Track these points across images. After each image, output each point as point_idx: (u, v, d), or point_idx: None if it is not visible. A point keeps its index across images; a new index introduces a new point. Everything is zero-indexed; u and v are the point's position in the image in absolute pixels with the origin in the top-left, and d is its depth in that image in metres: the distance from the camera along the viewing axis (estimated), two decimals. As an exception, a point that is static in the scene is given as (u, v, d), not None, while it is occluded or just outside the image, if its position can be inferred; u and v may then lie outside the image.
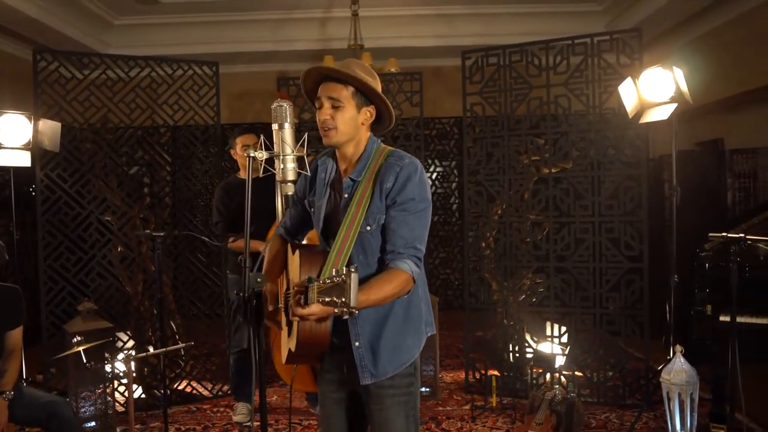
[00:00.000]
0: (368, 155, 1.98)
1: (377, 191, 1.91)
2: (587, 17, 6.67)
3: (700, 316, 3.45)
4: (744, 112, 5.68)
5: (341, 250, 1.88)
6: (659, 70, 3.56)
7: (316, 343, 1.90)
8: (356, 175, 1.96)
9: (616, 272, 4.12)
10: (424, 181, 1.94)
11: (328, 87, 1.94)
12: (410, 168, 1.92)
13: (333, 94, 1.92)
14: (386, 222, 1.91)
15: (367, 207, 1.91)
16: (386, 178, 1.91)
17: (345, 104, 1.92)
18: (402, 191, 1.89)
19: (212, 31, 6.63)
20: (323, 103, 1.94)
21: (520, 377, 4.41)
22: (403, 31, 6.67)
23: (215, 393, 4.49)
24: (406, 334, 1.97)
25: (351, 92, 1.93)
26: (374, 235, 1.92)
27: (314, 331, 1.87)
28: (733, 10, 5.78)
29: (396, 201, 1.89)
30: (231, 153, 3.98)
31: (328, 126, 1.93)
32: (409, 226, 1.90)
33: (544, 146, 4.35)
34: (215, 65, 4.58)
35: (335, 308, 1.53)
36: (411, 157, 1.96)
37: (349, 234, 1.89)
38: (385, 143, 2.06)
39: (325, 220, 2.03)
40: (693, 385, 3.35)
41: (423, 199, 1.92)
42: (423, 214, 1.92)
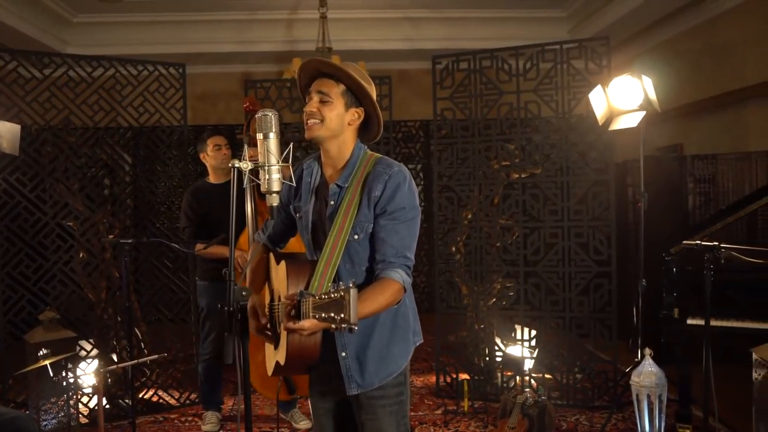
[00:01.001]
0: (355, 161, 1.95)
1: (365, 199, 1.89)
2: (552, 23, 6.77)
3: (669, 320, 3.53)
4: (701, 119, 5.86)
5: (329, 260, 1.85)
6: (628, 78, 3.63)
7: (305, 356, 1.87)
8: (343, 182, 1.94)
9: (585, 276, 4.18)
10: (413, 189, 1.92)
11: (320, 82, 1.93)
12: (399, 176, 1.90)
13: (323, 89, 1.91)
14: (375, 231, 1.89)
15: (354, 215, 1.88)
16: (375, 186, 1.88)
17: (333, 100, 1.90)
18: (392, 200, 1.87)
19: (174, 30, 6.50)
20: (312, 96, 1.92)
21: (490, 381, 4.44)
22: (371, 34, 6.66)
23: (182, 402, 4.39)
24: (393, 344, 1.96)
25: (342, 90, 1.91)
26: (362, 244, 1.90)
27: (303, 344, 1.84)
28: (690, 21, 5.97)
29: (386, 210, 1.87)
30: (201, 157, 3.89)
31: (313, 117, 1.90)
32: (399, 235, 1.88)
33: (514, 151, 4.38)
34: (182, 66, 4.48)
35: (332, 324, 1.50)
36: (399, 165, 1.94)
37: (337, 243, 1.87)
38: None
39: (313, 227, 2.00)
40: (662, 386, 3.42)
41: (412, 208, 1.91)
42: (412, 223, 1.91)
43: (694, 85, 5.77)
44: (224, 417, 4.11)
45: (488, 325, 4.49)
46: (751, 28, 5.24)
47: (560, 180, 4.24)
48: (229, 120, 7.34)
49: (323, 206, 1.98)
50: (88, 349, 4.16)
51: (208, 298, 3.87)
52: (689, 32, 6.05)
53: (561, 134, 4.26)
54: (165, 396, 4.37)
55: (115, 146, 4.48)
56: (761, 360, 2.92)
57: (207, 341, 3.92)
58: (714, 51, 5.68)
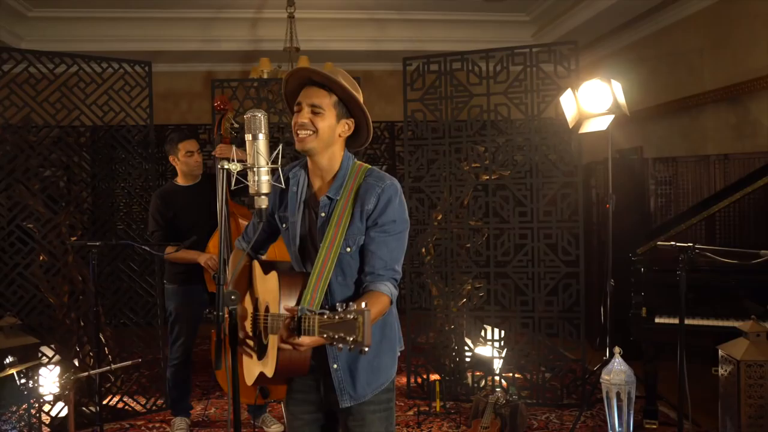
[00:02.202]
0: (345, 173, 1.92)
1: (357, 212, 1.86)
2: (516, 26, 6.88)
3: (637, 319, 3.61)
4: (660, 123, 6.03)
5: (321, 273, 1.82)
6: (598, 82, 3.70)
7: (293, 369, 1.84)
8: (334, 194, 1.90)
9: (553, 276, 4.25)
10: (403, 202, 1.91)
11: (311, 92, 1.87)
12: (391, 190, 1.88)
13: (315, 101, 1.85)
14: (365, 243, 1.87)
15: (346, 228, 1.86)
16: (367, 199, 1.86)
17: (326, 112, 1.86)
18: (384, 213, 1.86)
19: (134, 27, 6.35)
20: (303, 106, 1.87)
21: (460, 381, 4.47)
22: (336, 35, 6.64)
23: (149, 408, 4.28)
24: (383, 355, 1.95)
25: (334, 101, 1.86)
26: (353, 257, 1.88)
27: (294, 358, 1.81)
28: (650, 28, 6.15)
29: (377, 223, 1.86)
30: (171, 159, 3.80)
31: (306, 129, 1.85)
32: (388, 248, 1.87)
33: (484, 153, 4.43)
34: (148, 64, 4.37)
35: (340, 344, 1.49)
36: (391, 178, 1.92)
37: (329, 256, 1.84)
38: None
39: (301, 239, 1.97)
40: (631, 384, 3.51)
41: (403, 221, 1.90)
42: (402, 236, 1.90)
43: (654, 90, 5.94)
44: (193, 423, 4.03)
45: (458, 325, 4.52)
46: (707, 36, 5.42)
47: (529, 182, 4.29)
48: (191, 120, 7.21)
49: (313, 218, 1.94)
50: (50, 356, 4.01)
51: (176, 302, 3.79)
52: (649, 38, 6.23)
53: (530, 137, 4.32)
54: (131, 402, 4.25)
55: (74, 145, 4.32)
56: (727, 356, 3.02)
57: (176, 346, 3.83)
58: (673, 57, 5.86)
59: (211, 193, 3.74)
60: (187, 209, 3.71)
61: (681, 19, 5.70)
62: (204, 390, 4.73)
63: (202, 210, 3.74)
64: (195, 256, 3.54)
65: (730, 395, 2.99)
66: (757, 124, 4.94)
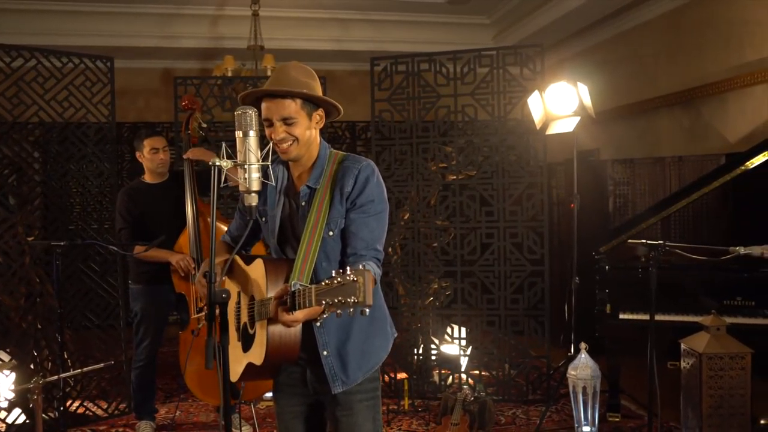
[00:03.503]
0: (323, 162, 1.95)
1: (337, 195, 1.89)
2: (476, 29, 6.98)
3: (602, 315, 3.72)
4: (617, 125, 6.21)
5: (306, 257, 1.83)
6: (564, 84, 3.80)
7: (283, 354, 1.82)
8: (313, 183, 1.92)
9: (519, 275, 4.33)
10: (381, 182, 1.94)
11: (276, 105, 1.84)
12: (368, 170, 1.91)
13: (284, 114, 1.84)
14: (345, 225, 1.89)
15: (327, 212, 1.88)
16: (345, 181, 1.89)
17: (298, 118, 1.86)
18: (362, 193, 1.88)
19: (90, 21, 6.16)
20: (274, 123, 1.86)
21: (427, 380, 4.50)
22: (299, 34, 6.60)
23: (111, 412, 4.17)
24: (373, 337, 1.97)
25: (299, 104, 1.86)
26: (336, 240, 1.90)
27: (284, 341, 1.80)
28: (608, 33, 6.33)
29: (356, 204, 1.88)
30: (137, 156, 3.71)
31: (286, 142, 1.86)
32: (369, 228, 1.89)
33: (451, 154, 4.48)
34: (110, 60, 4.26)
35: (340, 309, 1.48)
36: (367, 160, 1.95)
37: (312, 241, 1.85)
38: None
39: (281, 229, 1.97)
40: (596, 378, 3.61)
41: (381, 201, 1.92)
42: (382, 216, 1.93)
43: (612, 93, 6.11)
44: (158, 426, 3.94)
45: (424, 324, 4.56)
46: (662, 42, 5.62)
47: (496, 182, 4.37)
48: (149, 117, 7.04)
49: (294, 208, 1.96)
50: (6, 360, 3.87)
51: (142, 303, 3.71)
52: (608, 42, 6.41)
53: (497, 137, 4.39)
54: (92, 407, 4.13)
55: (23, 142, 4.14)
56: (689, 349, 3.14)
57: (141, 347, 3.75)
58: (629, 61, 6.05)
59: (178, 191, 3.67)
60: (154, 207, 3.64)
61: (638, 25, 5.89)
62: (167, 393, 4.64)
63: (169, 208, 3.66)
64: (166, 255, 3.47)
65: (692, 387, 3.11)
66: (708, 127, 5.15)
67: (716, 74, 5.00)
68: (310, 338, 1.88)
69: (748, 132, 4.75)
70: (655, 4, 5.55)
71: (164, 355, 5.25)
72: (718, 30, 4.99)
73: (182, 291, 3.58)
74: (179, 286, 3.57)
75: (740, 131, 4.85)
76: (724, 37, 4.93)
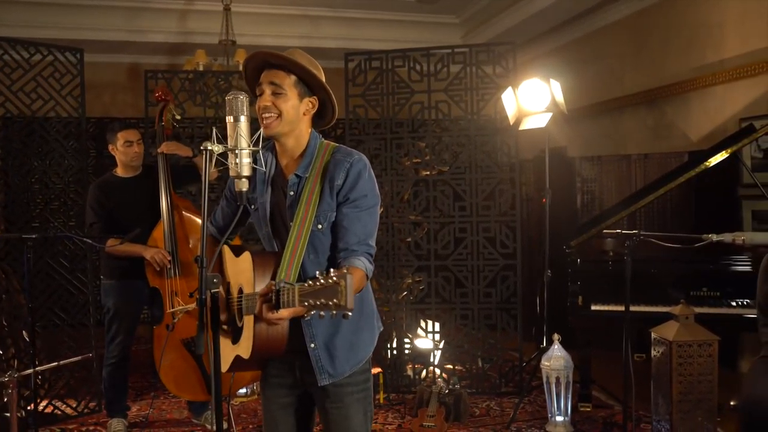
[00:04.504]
0: (312, 151, 1.93)
1: (327, 188, 1.87)
2: (445, 28, 7.04)
3: (574, 307, 3.80)
4: (584, 124, 6.35)
5: (294, 250, 1.82)
6: (537, 81, 3.87)
7: (271, 348, 1.82)
8: (302, 172, 1.90)
9: (492, 269, 4.39)
10: (372, 177, 1.93)
11: (270, 73, 1.87)
12: (360, 164, 1.90)
13: (275, 80, 1.86)
14: (337, 219, 1.88)
15: (317, 205, 1.86)
16: (336, 174, 1.87)
17: (287, 92, 1.86)
18: (354, 188, 1.87)
19: (55, 14, 6.01)
20: (264, 89, 1.87)
21: (401, 374, 4.53)
22: (269, 30, 6.56)
23: (81, 411, 4.08)
24: (362, 331, 1.96)
25: (293, 80, 1.87)
26: (325, 234, 1.88)
27: (271, 335, 1.80)
28: (575, 33, 6.46)
29: (348, 198, 1.87)
30: (110, 149, 3.65)
31: (270, 112, 1.85)
32: (361, 223, 1.87)
33: (424, 149, 4.52)
34: (80, 52, 4.19)
35: (322, 311, 1.49)
36: (359, 154, 1.94)
37: (301, 234, 1.83)
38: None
39: (271, 218, 1.96)
40: (569, 369, 3.69)
41: (374, 195, 1.91)
42: (373, 211, 1.92)
43: (580, 92, 6.24)
44: (130, 424, 3.88)
45: (398, 319, 4.59)
46: (628, 43, 5.77)
47: (469, 177, 4.42)
48: (114, 112, 6.90)
49: (281, 197, 1.94)
50: (-29, 359, 3.76)
51: (115, 298, 3.65)
52: (575, 42, 6.55)
53: (470, 134, 4.45)
54: (61, 405, 4.04)
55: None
56: (660, 338, 3.24)
57: (113, 344, 3.69)
58: (597, 61, 6.19)
59: (152, 185, 3.62)
60: (127, 201, 3.59)
61: (605, 26, 6.04)
62: (137, 391, 4.56)
63: (142, 203, 3.62)
64: (140, 250, 3.42)
65: (663, 374, 3.21)
66: (672, 126, 5.30)
67: (679, 75, 5.16)
68: (298, 330, 1.87)
69: (710, 131, 4.91)
70: (621, 5, 5.70)
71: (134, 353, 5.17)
72: (681, 32, 5.15)
73: (156, 286, 3.53)
74: (153, 281, 3.52)
75: (702, 130, 5.01)
76: (687, 39, 5.09)
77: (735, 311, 3.62)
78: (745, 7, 4.57)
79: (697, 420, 3.13)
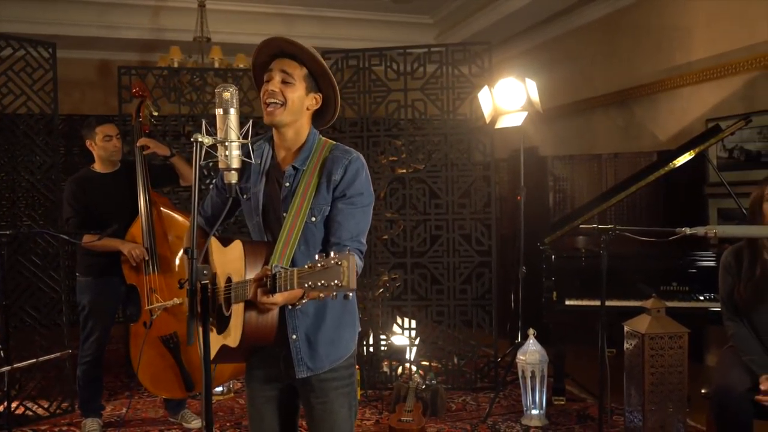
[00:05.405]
0: (311, 145, 1.94)
1: (324, 182, 1.88)
2: (419, 28, 7.10)
3: (549, 303, 3.88)
4: (555, 124, 6.46)
5: (287, 241, 1.83)
6: (512, 80, 3.94)
7: (260, 337, 1.83)
8: (300, 164, 1.92)
9: (467, 266, 4.44)
10: (369, 176, 1.95)
11: (283, 61, 1.89)
12: (358, 162, 1.92)
13: (287, 69, 1.87)
14: (331, 214, 1.89)
15: (312, 198, 1.88)
16: (335, 169, 1.88)
17: (296, 82, 1.88)
18: (352, 185, 1.88)
19: (22, 8, 5.90)
20: (274, 76, 1.87)
21: (378, 370, 4.56)
22: (243, 28, 6.52)
23: (53, 411, 4.01)
24: (344, 328, 1.96)
25: (304, 73, 1.89)
26: (318, 227, 1.90)
27: (260, 324, 1.80)
28: (547, 34, 6.58)
29: (345, 194, 1.88)
30: (88, 144, 3.60)
31: (275, 98, 1.86)
32: (355, 220, 1.89)
33: (401, 148, 4.56)
34: (52, 46, 4.12)
35: (322, 293, 1.49)
36: (357, 152, 1.96)
37: (295, 225, 1.85)
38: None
39: (263, 210, 1.97)
40: (544, 363, 3.77)
41: (369, 195, 1.93)
42: (368, 209, 1.94)
43: (552, 92, 6.34)
44: (105, 423, 3.83)
45: (374, 316, 4.61)
46: (599, 44, 5.90)
47: (445, 175, 4.47)
48: (85, 110, 6.79)
49: (276, 188, 1.95)
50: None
51: (91, 296, 3.60)
52: (548, 44, 6.67)
53: (445, 132, 4.50)
54: (33, 406, 3.97)
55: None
56: (632, 331, 3.32)
57: (88, 342, 3.64)
58: (569, 62, 6.31)
59: (129, 181, 3.58)
60: (104, 197, 3.55)
61: (577, 28, 6.16)
62: (111, 391, 4.50)
63: (119, 198, 3.58)
64: (117, 244, 3.39)
65: (635, 366, 3.29)
66: (641, 127, 5.44)
67: (648, 76, 5.29)
68: (281, 322, 1.87)
69: (678, 131, 5.05)
70: (593, 8, 5.83)
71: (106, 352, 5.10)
72: (650, 35, 5.29)
73: (133, 282, 3.50)
74: (130, 278, 3.49)
75: (670, 130, 5.15)
76: (656, 41, 5.23)
77: (702, 305, 3.74)
78: (713, 12, 4.72)
79: (668, 410, 3.23)
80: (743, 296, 2.70)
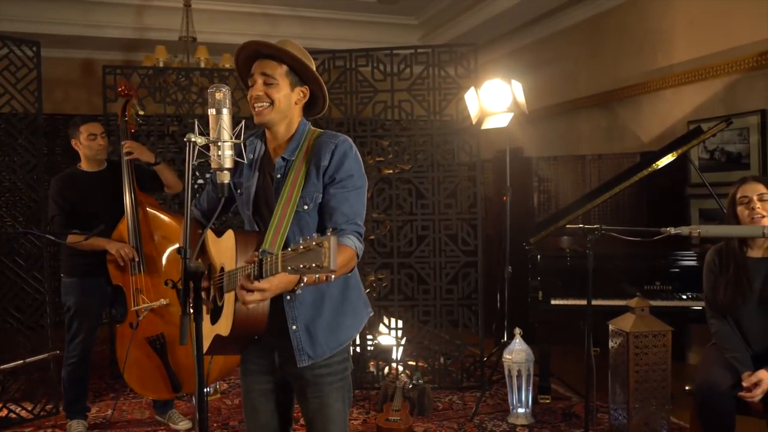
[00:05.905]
0: (300, 136, 1.96)
1: (313, 169, 1.89)
2: (404, 29, 7.13)
3: (535, 302, 3.91)
4: (540, 125, 6.52)
5: (278, 230, 1.83)
6: (498, 81, 3.97)
7: (251, 325, 1.81)
8: (289, 155, 1.93)
9: (454, 266, 4.47)
10: (359, 158, 1.95)
11: (261, 63, 1.90)
12: (345, 145, 1.92)
13: (267, 70, 1.88)
14: (325, 200, 1.89)
15: (302, 186, 1.88)
16: (322, 155, 1.89)
17: (279, 81, 1.89)
18: (340, 168, 1.88)
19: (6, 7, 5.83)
20: (256, 79, 1.89)
21: (364, 370, 4.57)
22: (226, 28, 6.52)
23: (37, 414, 3.97)
24: (344, 315, 1.96)
25: (285, 70, 1.90)
26: (311, 215, 1.90)
27: (251, 312, 1.80)
28: (533, 36, 6.63)
29: (334, 178, 1.88)
30: (73, 143, 3.57)
31: (261, 102, 1.88)
32: (349, 203, 1.88)
33: (387, 148, 4.58)
34: (36, 45, 4.08)
35: (306, 275, 1.47)
36: (344, 135, 1.97)
37: (285, 213, 1.85)
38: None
39: (255, 202, 1.97)
40: (530, 362, 3.80)
41: (361, 176, 1.93)
42: (361, 191, 1.93)
43: (537, 93, 6.40)
44: (90, 425, 3.80)
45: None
46: (583, 46, 5.96)
47: (431, 176, 4.49)
48: (67, 109, 6.74)
49: (268, 180, 1.96)
50: None
51: (76, 296, 3.56)
52: (533, 46, 6.72)
53: (432, 133, 4.52)
54: (16, 409, 3.92)
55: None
56: (617, 329, 3.37)
57: (74, 343, 3.60)
58: (553, 64, 6.37)
59: (115, 180, 3.56)
60: (89, 195, 3.52)
61: (561, 30, 6.22)
62: (96, 392, 4.46)
63: (105, 198, 3.56)
64: (104, 243, 3.37)
65: (620, 364, 3.34)
66: (624, 128, 5.51)
67: (631, 78, 5.36)
68: (279, 312, 1.88)
69: (660, 132, 5.12)
70: (577, 10, 5.89)
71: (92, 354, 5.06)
72: (633, 37, 5.36)
73: (119, 283, 3.48)
74: (116, 278, 3.47)
75: (652, 131, 5.22)
76: (639, 44, 5.30)
77: (684, 304, 3.80)
78: (694, 16, 4.79)
79: (651, 408, 3.28)
80: (725, 294, 2.75)
